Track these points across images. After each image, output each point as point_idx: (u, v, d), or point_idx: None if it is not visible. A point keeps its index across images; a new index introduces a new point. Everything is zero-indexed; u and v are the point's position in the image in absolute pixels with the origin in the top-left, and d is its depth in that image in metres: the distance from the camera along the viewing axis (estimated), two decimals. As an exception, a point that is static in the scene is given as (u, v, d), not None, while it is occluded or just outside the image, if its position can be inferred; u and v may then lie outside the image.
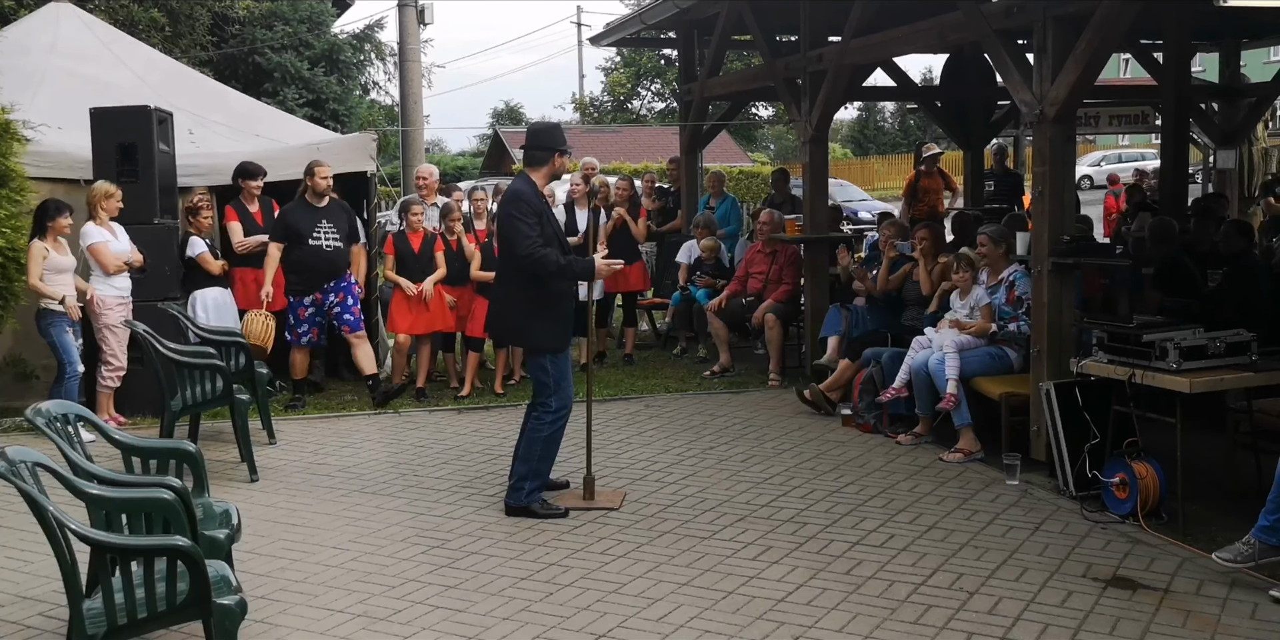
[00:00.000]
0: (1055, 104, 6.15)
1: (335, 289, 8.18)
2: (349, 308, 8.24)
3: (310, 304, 8.15)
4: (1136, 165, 22.36)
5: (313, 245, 8.03)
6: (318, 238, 8.05)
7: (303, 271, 8.11)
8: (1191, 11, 10.10)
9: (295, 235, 8.04)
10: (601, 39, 13.02)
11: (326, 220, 8.11)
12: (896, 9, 8.42)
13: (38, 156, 8.17)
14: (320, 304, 8.17)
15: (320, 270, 8.10)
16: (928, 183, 12.11)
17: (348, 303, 8.24)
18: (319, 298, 8.14)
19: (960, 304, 7.06)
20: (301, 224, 8.06)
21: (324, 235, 8.07)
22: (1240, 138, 12.90)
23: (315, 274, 8.09)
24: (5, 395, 8.08)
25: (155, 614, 3.44)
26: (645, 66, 43.42)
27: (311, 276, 8.10)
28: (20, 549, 5.24)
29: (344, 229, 8.20)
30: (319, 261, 8.07)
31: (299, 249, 8.05)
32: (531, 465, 5.73)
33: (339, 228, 8.16)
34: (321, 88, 19.93)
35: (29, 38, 10.17)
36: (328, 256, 8.10)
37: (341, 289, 8.21)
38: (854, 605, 4.48)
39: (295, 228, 8.05)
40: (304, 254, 8.06)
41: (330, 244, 8.09)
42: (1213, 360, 5.34)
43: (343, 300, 8.21)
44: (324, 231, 8.08)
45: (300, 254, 8.06)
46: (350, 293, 8.27)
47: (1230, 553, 4.68)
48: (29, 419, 4.02)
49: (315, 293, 8.12)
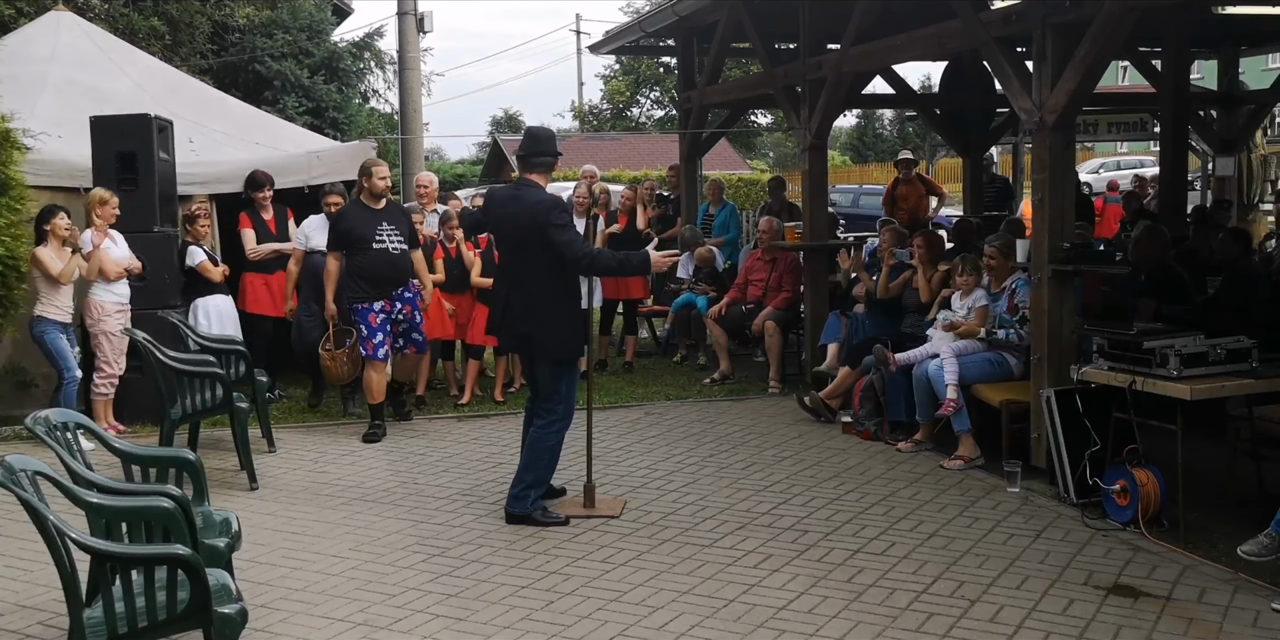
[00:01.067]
0: (1055, 111, 6.15)
1: (402, 298, 7.55)
2: (416, 325, 7.68)
3: (381, 310, 7.43)
4: (1136, 172, 22.37)
5: (377, 249, 7.37)
6: (381, 241, 7.39)
7: (370, 277, 7.42)
8: (1190, 19, 10.14)
9: (358, 240, 7.39)
10: (601, 47, 13.06)
11: (387, 222, 7.47)
12: (896, 17, 8.44)
13: (38, 165, 8.19)
14: (390, 312, 7.48)
15: (387, 275, 7.43)
16: (905, 190, 12.12)
17: (415, 319, 7.66)
18: (388, 305, 7.46)
19: (959, 305, 7.07)
20: (362, 228, 7.41)
21: (387, 238, 7.43)
22: (1239, 145, 12.93)
23: (383, 279, 7.43)
24: (5, 403, 8.07)
25: (156, 623, 3.43)
26: (644, 74, 43.45)
27: (379, 282, 7.44)
28: (20, 557, 5.23)
29: (406, 232, 7.58)
30: (386, 266, 7.42)
31: (363, 254, 7.39)
32: (538, 473, 5.73)
33: (401, 231, 7.52)
34: (321, 96, 19.91)
35: (29, 46, 10.17)
36: (394, 260, 7.45)
37: (408, 300, 7.60)
38: (855, 613, 4.48)
39: (356, 232, 7.40)
40: (369, 259, 7.38)
41: (395, 247, 7.44)
42: (1213, 367, 5.34)
43: (410, 315, 7.61)
44: (386, 234, 7.43)
45: (364, 259, 7.39)
46: (415, 306, 7.68)
47: (1255, 546, 4.69)
48: (29, 427, 4.02)
49: (384, 299, 7.44)
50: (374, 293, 7.41)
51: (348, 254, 7.44)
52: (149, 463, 4.47)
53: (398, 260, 7.48)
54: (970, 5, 6.84)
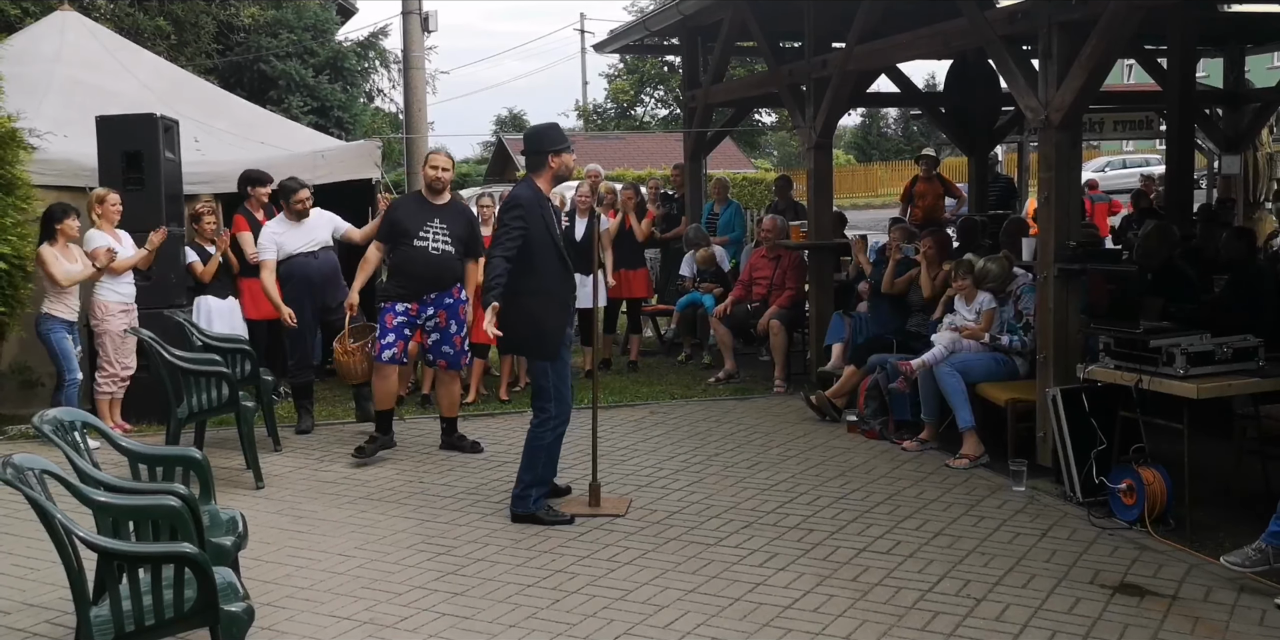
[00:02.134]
0: (1061, 110, 6.15)
1: (438, 304, 6.88)
2: (450, 336, 6.94)
3: (403, 313, 6.87)
4: (1142, 171, 22.37)
5: (418, 246, 6.81)
6: (424, 238, 6.82)
7: (401, 276, 6.91)
8: (1196, 17, 10.12)
9: (400, 234, 6.84)
10: (605, 46, 13.06)
11: (440, 220, 6.87)
12: (900, 15, 8.43)
13: (43, 164, 8.21)
14: (414, 316, 6.89)
15: (421, 276, 6.83)
16: (924, 187, 12.12)
17: (449, 329, 6.93)
18: (414, 309, 6.87)
19: (966, 308, 7.06)
20: (409, 221, 6.87)
21: (432, 236, 6.84)
22: (1245, 143, 12.90)
23: (415, 280, 6.85)
24: (11, 403, 8.10)
25: (163, 621, 3.44)
26: (648, 73, 43.49)
27: (410, 282, 6.86)
28: (27, 556, 5.24)
29: (460, 234, 6.95)
30: (420, 266, 6.82)
31: (402, 249, 6.86)
32: (535, 473, 5.73)
33: (453, 232, 6.90)
34: (326, 95, 19.96)
35: (35, 46, 10.20)
36: (433, 260, 6.83)
37: (445, 306, 6.90)
38: (861, 612, 4.47)
39: (401, 225, 6.86)
40: (406, 256, 6.85)
41: (438, 247, 6.83)
42: (1220, 366, 5.32)
43: (444, 323, 6.91)
44: (434, 232, 6.85)
45: (401, 256, 6.87)
46: (455, 315, 6.94)
47: (1239, 557, 4.67)
48: (36, 426, 4.02)
49: (413, 302, 6.87)
50: (400, 292, 6.90)
51: (390, 248, 6.94)
52: (155, 461, 4.47)
53: (438, 262, 6.85)
54: (975, 3, 6.83)
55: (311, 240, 7.65)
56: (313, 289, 7.63)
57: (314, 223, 7.73)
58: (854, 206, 36.12)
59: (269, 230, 7.75)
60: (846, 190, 39.23)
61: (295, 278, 7.63)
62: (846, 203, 34.78)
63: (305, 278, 7.65)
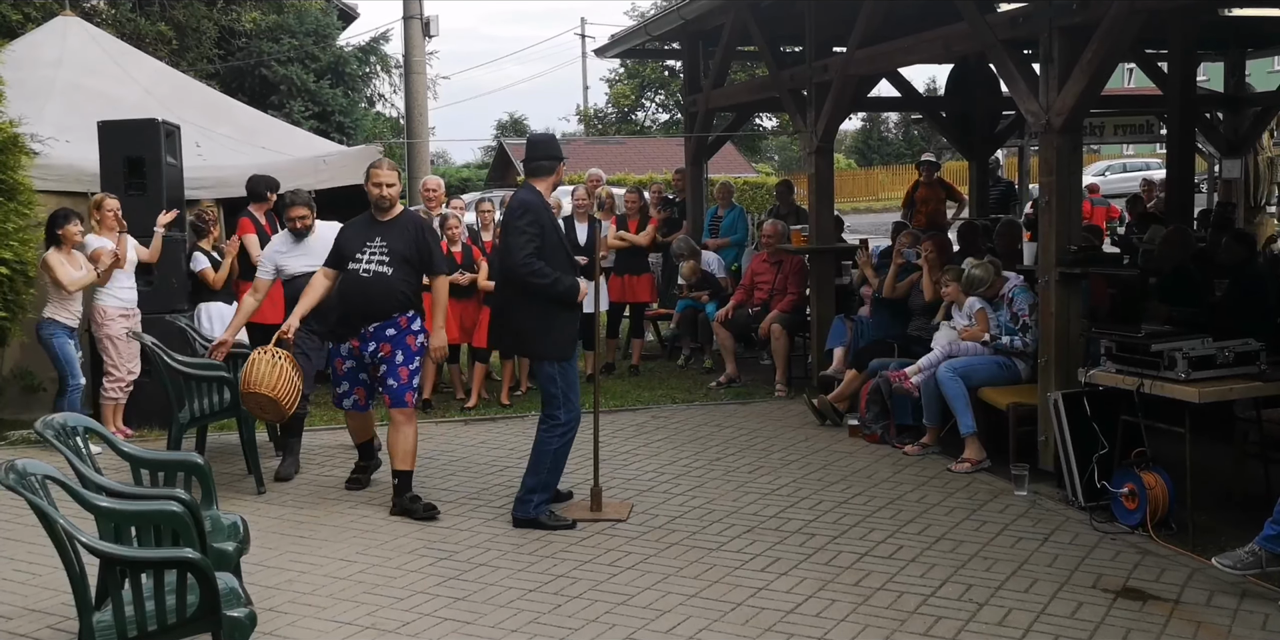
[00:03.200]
0: (1062, 114, 6.15)
1: (379, 337, 5.94)
2: (395, 367, 5.94)
3: (349, 354, 6.06)
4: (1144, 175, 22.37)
5: (351, 270, 5.97)
6: (359, 259, 5.95)
7: (339, 306, 6.09)
8: (1197, 21, 10.13)
9: (342, 257, 6.04)
10: (606, 50, 13.07)
11: (381, 238, 5.96)
12: (901, 19, 8.45)
13: (45, 169, 8.23)
14: (360, 355, 6.03)
15: (353, 304, 5.97)
16: (925, 192, 12.13)
17: (395, 359, 5.94)
18: (355, 346, 6.00)
19: (959, 313, 7.08)
20: (351, 243, 6.04)
21: (367, 257, 5.94)
22: (1245, 147, 12.91)
23: (349, 309, 6.00)
24: (13, 408, 8.11)
25: (165, 626, 3.44)
26: (649, 78, 43.54)
27: (344, 315, 6.04)
28: (29, 561, 5.24)
29: (402, 251, 5.94)
30: (353, 293, 5.96)
31: (344, 275, 6.04)
32: (540, 478, 5.73)
33: (393, 249, 5.93)
34: (327, 100, 19.99)
35: (36, 51, 10.22)
36: (363, 285, 5.91)
37: (386, 338, 5.94)
38: (863, 617, 4.47)
39: (344, 247, 6.05)
40: (343, 282, 6.03)
41: (370, 268, 5.91)
42: (1221, 370, 5.32)
43: (388, 354, 5.94)
44: (370, 251, 5.94)
45: (341, 283, 6.06)
46: (401, 344, 5.95)
47: (1231, 559, 4.66)
48: (38, 431, 4.03)
49: (352, 338, 6.01)
50: (338, 330, 6.07)
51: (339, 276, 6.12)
52: (157, 467, 4.47)
53: (368, 286, 5.90)
54: (976, 8, 6.84)
55: (316, 261, 6.49)
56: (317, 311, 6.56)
57: (318, 242, 6.71)
58: (854, 211, 36.14)
59: (272, 248, 6.94)
60: (847, 194, 39.24)
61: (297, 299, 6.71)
62: (847, 207, 34.81)
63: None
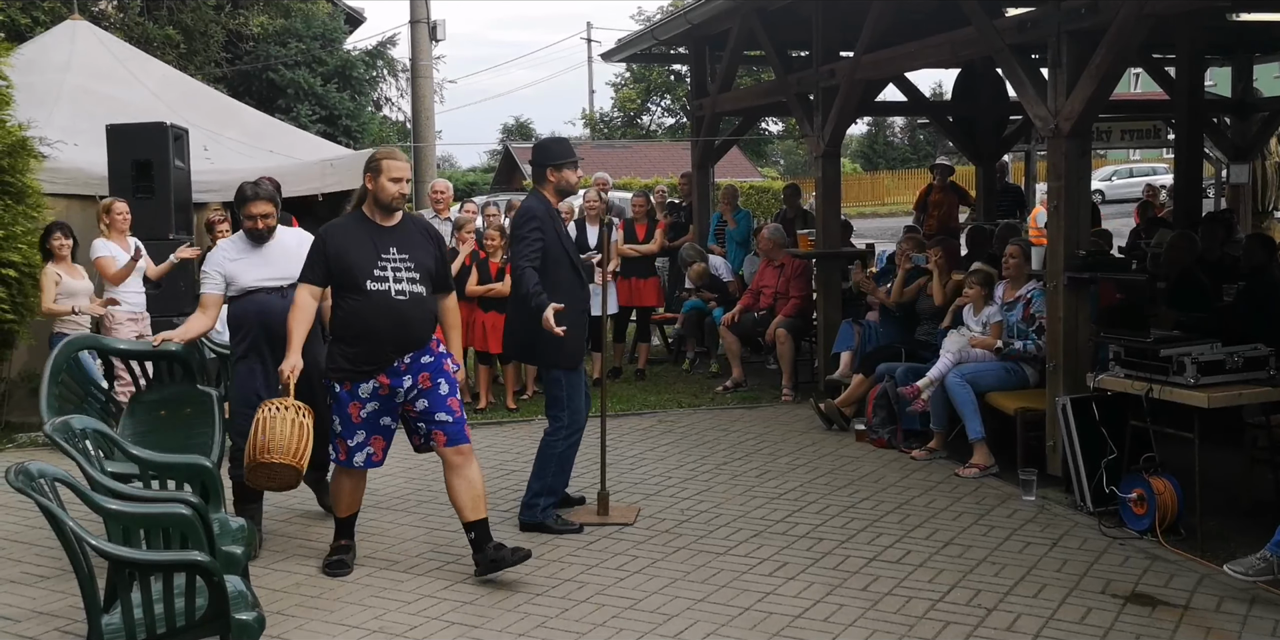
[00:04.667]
0: (1070, 119, 6.14)
1: (415, 368, 4.85)
2: (442, 400, 4.90)
3: (370, 396, 4.84)
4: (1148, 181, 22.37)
5: (375, 291, 4.77)
6: (382, 277, 4.80)
7: (354, 339, 4.80)
8: (1205, 26, 10.11)
9: (346, 273, 4.80)
10: (613, 55, 13.07)
11: (397, 248, 4.85)
12: (908, 24, 8.45)
13: (54, 173, 8.26)
14: (388, 395, 4.86)
15: (385, 335, 4.77)
16: (939, 197, 12.13)
17: (438, 389, 4.91)
18: (385, 383, 4.83)
19: (973, 320, 7.05)
20: (356, 254, 4.81)
21: (393, 273, 4.81)
22: (1253, 152, 12.88)
23: (377, 341, 4.77)
24: (21, 410, 8.11)
25: (174, 629, 3.44)
26: (655, 82, 43.54)
27: (370, 346, 4.78)
28: (37, 564, 5.25)
29: (427, 265, 4.92)
30: (384, 320, 4.76)
31: (353, 298, 4.79)
32: (545, 482, 5.72)
33: (418, 262, 4.88)
34: (334, 104, 20.03)
35: (45, 55, 10.27)
36: (399, 310, 4.79)
37: (425, 367, 4.89)
38: (871, 622, 4.46)
39: (346, 260, 4.80)
40: (361, 306, 4.78)
41: (404, 289, 4.80)
42: (1230, 375, 5.31)
43: (429, 386, 4.89)
44: (392, 266, 4.82)
45: (353, 307, 4.80)
46: (440, 372, 4.93)
47: (1242, 566, 4.65)
48: (47, 434, 4.04)
49: (379, 375, 4.83)
50: (362, 367, 4.81)
51: (335, 299, 4.92)
52: (165, 470, 4.48)
53: (406, 311, 4.80)
54: (984, 12, 6.83)
55: (276, 272, 5.30)
56: (273, 339, 5.20)
57: (278, 251, 5.37)
58: (860, 215, 36.10)
59: (221, 254, 5.42)
60: (853, 199, 39.21)
61: (248, 322, 5.31)
62: (853, 211, 34.75)
63: (263, 324, 5.26)
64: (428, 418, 4.93)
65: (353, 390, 4.84)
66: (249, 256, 5.36)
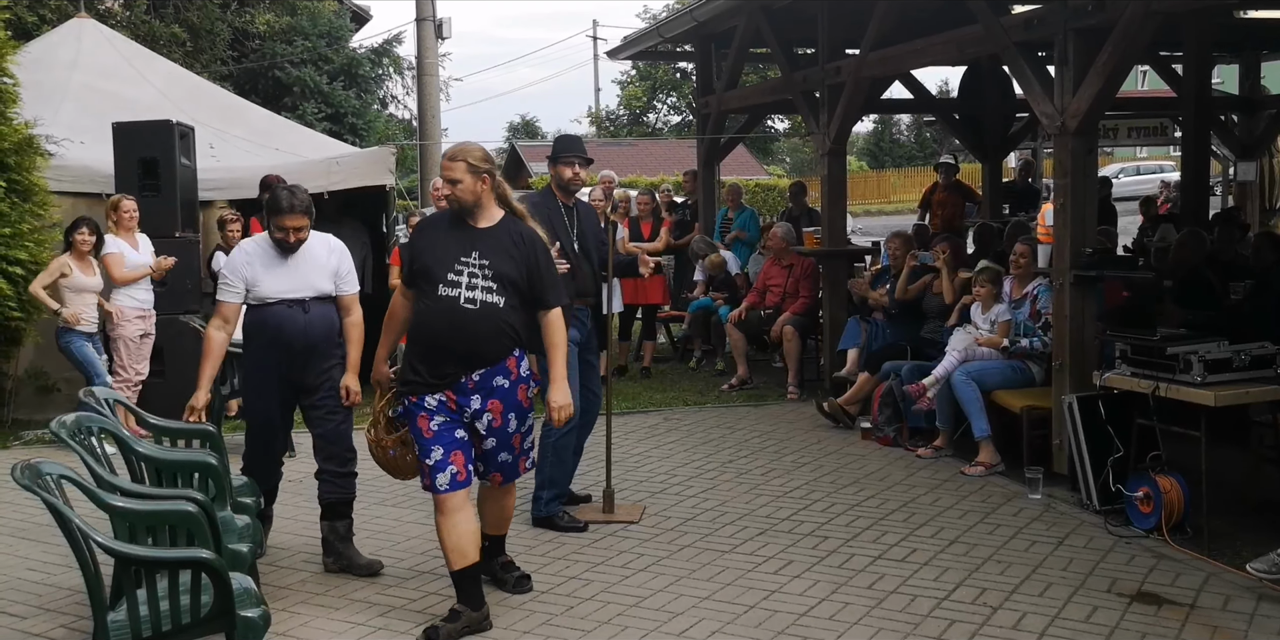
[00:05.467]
0: (1076, 116, 6.13)
1: (485, 389, 4.34)
2: (507, 437, 4.45)
3: (439, 409, 4.35)
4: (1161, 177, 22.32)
5: (444, 297, 4.30)
6: (455, 282, 4.30)
7: (419, 346, 4.39)
8: (1212, 23, 10.09)
9: (423, 274, 4.37)
10: (618, 53, 13.08)
11: (480, 252, 4.34)
12: (914, 22, 8.43)
13: (60, 171, 8.27)
14: (457, 410, 4.36)
15: (446, 345, 4.30)
16: (943, 195, 12.09)
17: (508, 426, 4.43)
18: (452, 400, 4.35)
19: (981, 318, 7.04)
20: (434, 253, 4.38)
21: (467, 278, 4.30)
22: (1261, 150, 12.86)
23: (438, 352, 4.32)
24: (28, 408, 8.14)
25: (179, 626, 3.45)
26: (661, 80, 43.51)
27: (432, 356, 4.33)
28: (43, 561, 5.26)
29: (508, 273, 4.33)
30: (445, 328, 4.29)
31: (422, 303, 4.39)
32: (545, 473, 5.73)
33: (497, 269, 4.32)
34: (340, 102, 20.06)
35: (51, 53, 10.28)
36: (463, 319, 4.28)
37: (496, 392, 4.36)
38: (876, 620, 4.46)
39: (423, 259, 4.39)
40: (424, 313, 4.37)
41: (474, 296, 4.29)
42: (1237, 373, 5.30)
43: (499, 420, 4.39)
44: (468, 271, 4.31)
45: (420, 313, 4.41)
46: (514, 403, 4.42)
47: (1265, 564, 4.64)
48: (53, 431, 4.05)
49: (445, 390, 4.34)
50: (424, 378, 4.35)
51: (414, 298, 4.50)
52: (172, 467, 4.49)
53: (473, 322, 4.28)
54: (990, 10, 6.82)
55: (299, 284, 4.92)
56: (290, 357, 4.93)
57: (309, 257, 4.97)
58: (866, 213, 36.11)
59: (243, 258, 4.95)
60: (859, 197, 39.16)
61: (265, 336, 4.93)
62: (859, 209, 34.76)
63: (280, 340, 4.91)
64: (489, 457, 4.49)
65: (419, 401, 4.36)
66: (272, 264, 4.91)
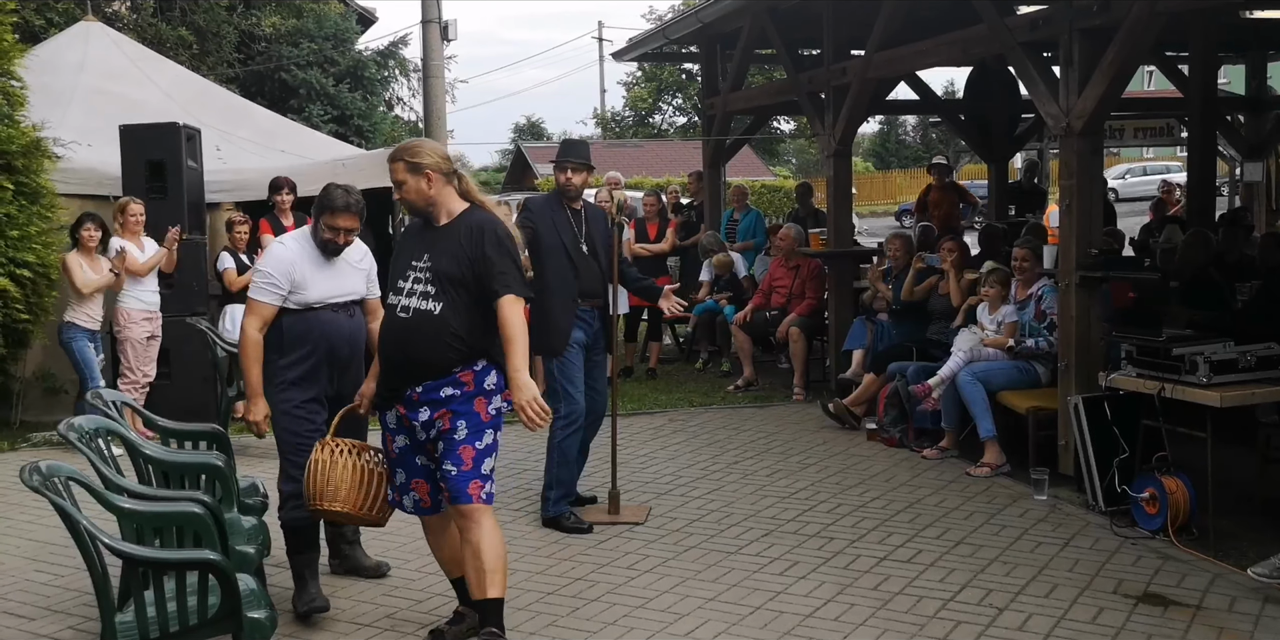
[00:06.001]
0: (1082, 117, 6.12)
1: (430, 400, 4.04)
2: (454, 445, 4.03)
3: (396, 427, 4.15)
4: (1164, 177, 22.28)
5: (390, 306, 4.17)
6: (400, 289, 4.12)
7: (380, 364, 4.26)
8: (1218, 23, 10.07)
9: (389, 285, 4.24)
10: (624, 54, 13.09)
11: (429, 254, 4.10)
12: (920, 22, 8.43)
13: (67, 173, 8.29)
14: (410, 429, 4.11)
15: (390, 358, 4.14)
16: (938, 196, 12.06)
17: (455, 434, 4.03)
18: (403, 414, 4.10)
19: (989, 319, 7.04)
20: (398, 261, 4.22)
21: (410, 284, 4.10)
22: (1267, 150, 12.83)
23: (388, 367, 4.15)
24: (35, 410, 8.16)
25: (187, 627, 3.45)
26: (666, 81, 43.55)
27: (385, 372, 4.18)
28: (51, 562, 5.28)
29: (450, 270, 4.04)
30: (389, 340, 4.14)
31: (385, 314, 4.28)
32: (552, 474, 5.74)
33: (438, 269, 4.05)
34: (346, 104, 20.09)
35: (59, 56, 10.31)
36: (399, 329, 4.08)
37: (447, 402, 4.03)
38: (882, 621, 4.46)
39: (391, 270, 4.24)
40: (382, 325, 4.25)
41: (409, 304, 4.07)
42: (1243, 374, 5.29)
43: (447, 426, 4.03)
44: (415, 275, 4.10)
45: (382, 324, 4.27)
46: (466, 412, 4.04)
47: (1266, 568, 4.63)
48: (61, 433, 4.05)
49: (397, 404, 4.12)
50: (381, 392, 4.21)
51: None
52: (179, 469, 4.50)
53: (405, 331, 4.06)
54: (996, 10, 6.82)
55: (344, 288, 4.65)
56: (333, 368, 4.60)
57: (347, 260, 4.67)
58: (872, 213, 36.11)
59: (288, 256, 4.53)
60: (865, 197, 39.16)
61: (309, 344, 4.52)
62: (865, 210, 34.76)
63: (329, 348, 4.56)
64: (440, 466, 4.07)
65: (382, 418, 4.21)
66: (318, 266, 4.54)
